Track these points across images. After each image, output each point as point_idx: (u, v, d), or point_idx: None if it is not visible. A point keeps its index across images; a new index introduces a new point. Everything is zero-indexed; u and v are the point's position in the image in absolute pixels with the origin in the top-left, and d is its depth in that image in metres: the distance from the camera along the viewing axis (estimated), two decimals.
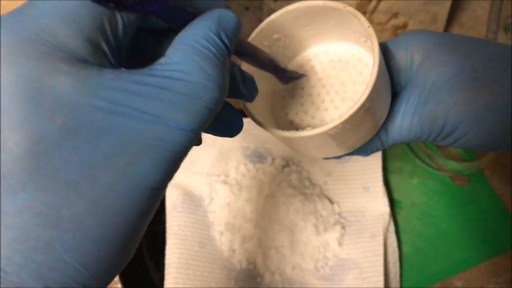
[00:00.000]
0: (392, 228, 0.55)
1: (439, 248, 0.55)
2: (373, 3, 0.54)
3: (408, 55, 0.32)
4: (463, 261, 0.55)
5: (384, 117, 0.33)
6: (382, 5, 0.55)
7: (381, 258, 0.52)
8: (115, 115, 0.17)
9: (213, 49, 0.19)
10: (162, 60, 0.18)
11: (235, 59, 0.25)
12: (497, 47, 0.31)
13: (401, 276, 0.54)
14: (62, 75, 0.16)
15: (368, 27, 0.29)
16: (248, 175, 0.56)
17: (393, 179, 0.59)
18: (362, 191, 0.56)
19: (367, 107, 0.28)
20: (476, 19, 0.64)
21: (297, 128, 0.34)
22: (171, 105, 0.18)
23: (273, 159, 0.58)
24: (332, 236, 0.53)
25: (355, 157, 0.57)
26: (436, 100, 0.30)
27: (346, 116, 0.28)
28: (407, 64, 0.32)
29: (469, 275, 0.55)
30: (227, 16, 0.20)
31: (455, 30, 0.64)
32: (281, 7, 0.32)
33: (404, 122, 0.32)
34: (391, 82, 0.33)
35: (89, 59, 0.17)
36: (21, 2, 0.42)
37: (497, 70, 0.29)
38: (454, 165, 0.58)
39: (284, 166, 0.57)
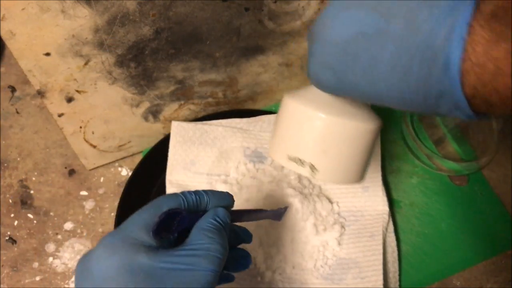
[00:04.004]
0: (391, 227, 0.55)
1: (438, 248, 0.56)
2: None
3: None
4: (462, 261, 0.55)
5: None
6: None
7: (380, 257, 0.52)
8: (171, 270, 0.31)
9: (213, 228, 0.34)
10: (188, 240, 0.34)
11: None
12: None
13: (400, 275, 0.54)
14: (142, 254, 0.31)
15: None
16: (248, 175, 0.57)
17: (392, 179, 0.59)
18: (362, 191, 0.56)
19: None
20: None
21: None
22: (200, 261, 0.32)
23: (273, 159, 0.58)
24: (332, 235, 0.53)
25: None
26: None
27: None
28: None
29: (468, 274, 0.55)
30: (219, 211, 0.36)
31: None
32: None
33: None
34: None
35: (155, 245, 0.32)
36: (21, 2, 0.42)
37: None
38: (453, 165, 0.59)
39: (283, 166, 0.57)
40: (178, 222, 0.34)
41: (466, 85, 0.25)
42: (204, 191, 0.37)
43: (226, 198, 0.38)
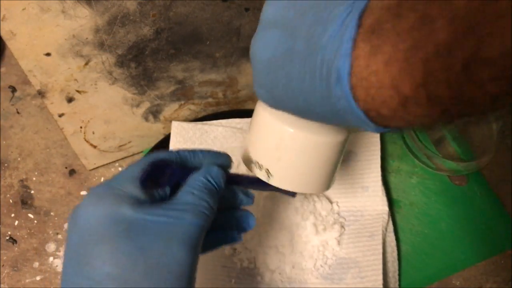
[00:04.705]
0: (391, 227, 0.55)
1: (438, 247, 0.56)
2: None
3: None
4: (461, 260, 0.55)
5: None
6: None
7: (380, 257, 0.52)
8: (154, 222, 0.31)
9: (203, 185, 0.34)
10: (179, 196, 0.34)
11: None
12: None
13: (399, 275, 0.54)
14: (126, 205, 0.31)
15: None
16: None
17: (392, 178, 0.59)
18: (361, 191, 0.57)
19: None
20: None
21: None
22: (184, 215, 0.32)
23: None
24: (332, 235, 0.54)
25: (354, 157, 0.58)
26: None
27: None
28: None
29: (467, 274, 0.55)
30: (212, 169, 0.35)
31: None
32: None
33: None
34: None
35: (143, 198, 0.32)
36: (22, 3, 0.43)
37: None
38: (452, 165, 0.59)
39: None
40: (169, 176, 0.33)
41: (358, 99, 0.25)
42: (201, 149, 0.37)
43: (222, 157, 0.38)
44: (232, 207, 0.39)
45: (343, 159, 0.58)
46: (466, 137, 0.61)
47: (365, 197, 0.56)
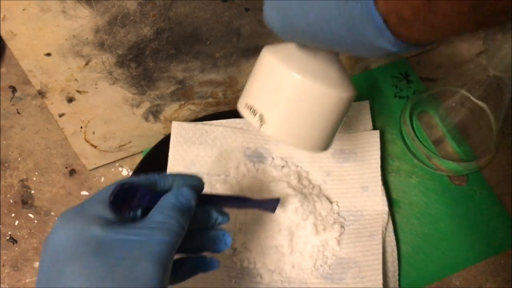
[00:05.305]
0: (390, 227, 0.55)
1: (438, 247, 0.56)
2: None
3: None
4: (461, 260, 0.55)
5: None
6: None
7: (380, 257, 0.52)
8: (124, 241, 0.31)
9: (172, 205, 0.34)
10: (149, 216, 0.34)
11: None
12: None
13: (399, 275, 0.54)
14: (97, 227, 0.31)
15: None
16: (248, 175, 0.57)
17: (392, 178, 0.59)
18: (361, 191, 0.57)
19: None
20: None
21: None
22: (153, 233, 0.32)
23: (273, 159, 0.58)
24: (331, 235, 0.54)
25: (354, 157, 0.58)
26: None
27: None
28: None
29: (467, 274, 0.55)
30: (183, 190, 0.35)
31: None
32: None
33: None
34: None
35: (113, 219, 0.33)
36: (22, 3, 0.43)
37: None
38: (452, 165, 0.59)
39: (283, 166, 0.58)
40: (139, 199, 0.34)
41: (378, 0, 0.24)
42: (171, 173, 0.38)
43: (193, 180, 0.38)
44: (206, 227, 0.39)
45: (343, 159, 0.58)
46: (466, 137, 0.61)
47: (365, 197, 0.56)
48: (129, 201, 0.34)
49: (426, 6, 0.22)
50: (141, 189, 0.34)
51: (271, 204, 0.43)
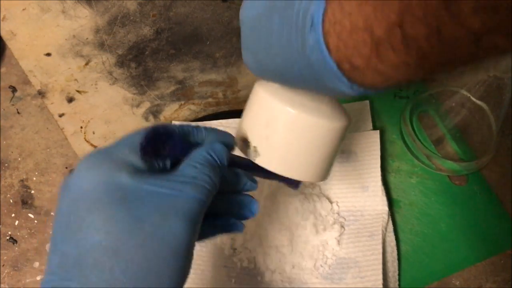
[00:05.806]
0: (390, 227, 0.55)
1: (438, 247, 0.56)
2: None
3: None
4: (461, 260, 0.55)
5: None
6: None
7: (380, 257, 0.52)
8: (153, 193, 0.29)
9: (205, 161, 0.32)
10: (181, 169, 0.32)
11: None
12: None
13: (399, 275, 0.54)
14: (124, 173, 0.29)
15: None
16: None
17: (392, 178, 0.59)
18: (361, 191, 0.57)
19: None
20: None
21: None
22: (184, 187, 0.30)
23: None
24: (331, 235, 0.54)
25: (354, 157, 0.58)
26: None
27: None
28: None
29: (467, 274, 0.55)
30: (216, 145, 0.34)
31: None
32: None
33: None
34: None
35: (142, 167, 0.30)
36: (22, 3, 0.43)
37: None
38: (452, 165, 0.59)
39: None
40: (170, 147, 0.31)
41: (331, 49, 0.24)
42: (204, 127, 0.36)
43: (226, 136, 0.36)
44: (234, 191, 0.37)
45: (343, 159, 0.58)
46: (466, 137, 0.61)
47: (365, 197, 0.56)
48: (160, 149, 0.31)
49: (374, 55, 0.22)
50: (174, 137, 0.32)
51: (295, 181, 0.41)
